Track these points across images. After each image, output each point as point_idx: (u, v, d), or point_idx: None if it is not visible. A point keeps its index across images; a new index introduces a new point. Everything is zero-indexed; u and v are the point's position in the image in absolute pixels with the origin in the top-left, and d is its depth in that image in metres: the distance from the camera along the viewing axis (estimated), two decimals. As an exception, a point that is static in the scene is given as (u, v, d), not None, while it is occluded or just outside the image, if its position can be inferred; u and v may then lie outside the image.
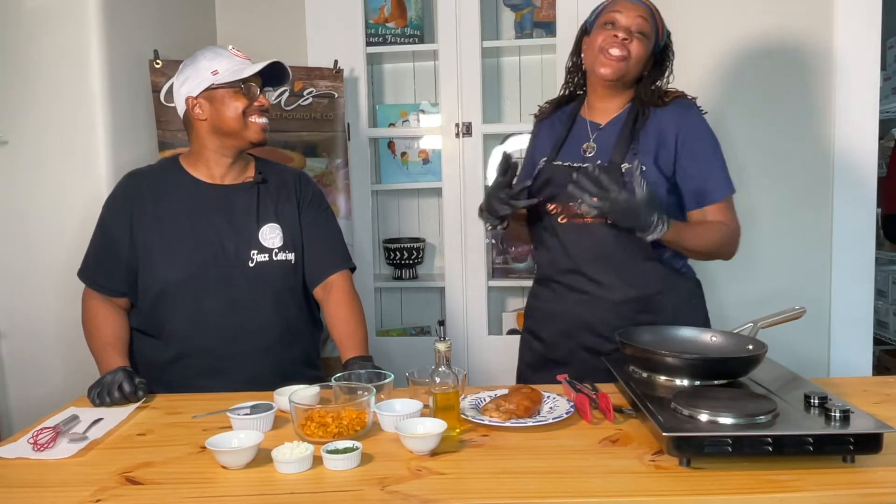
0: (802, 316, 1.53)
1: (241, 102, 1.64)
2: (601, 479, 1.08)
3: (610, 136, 1.67)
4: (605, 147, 1.67)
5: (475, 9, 2.56)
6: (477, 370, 2.55)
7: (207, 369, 1.66)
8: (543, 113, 1.82)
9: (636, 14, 1.61)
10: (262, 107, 1.67)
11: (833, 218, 2.45)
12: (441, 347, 1.30)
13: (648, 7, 1.64)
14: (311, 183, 1.84)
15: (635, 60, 1.62)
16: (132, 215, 1.67)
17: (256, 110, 1.66)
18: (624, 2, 1.63)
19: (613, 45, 1.60)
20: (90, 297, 1.70)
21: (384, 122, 2.84)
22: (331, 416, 1.24)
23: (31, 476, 1.16)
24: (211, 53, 1.67)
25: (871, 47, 2.39)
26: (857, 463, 1.09)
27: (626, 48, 1.60)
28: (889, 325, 3.58)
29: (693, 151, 1.63)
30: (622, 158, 1.62)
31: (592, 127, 1.71)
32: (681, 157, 1.63)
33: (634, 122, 1.65)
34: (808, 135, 2.46)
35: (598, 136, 1.69)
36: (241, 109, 1.64)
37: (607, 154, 1.65)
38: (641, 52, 1.62)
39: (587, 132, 1.71)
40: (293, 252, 1.72)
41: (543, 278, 1.78)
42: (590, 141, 1.69)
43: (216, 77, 1.63)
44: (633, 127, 1.64)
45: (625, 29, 1.60)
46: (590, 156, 1.68)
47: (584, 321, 1.68)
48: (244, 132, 1.65)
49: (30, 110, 1.95)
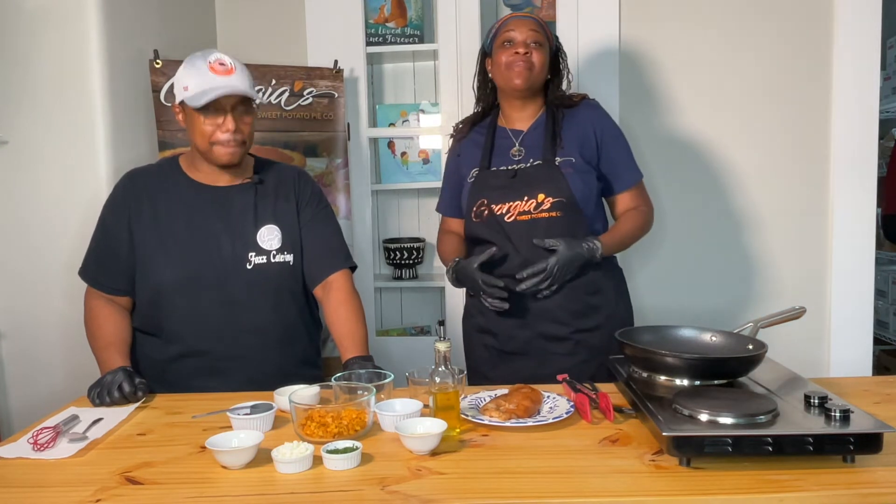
0: (802, 316, 1.53)
1: (208, 127, 1.61)
2: (601, 479, 1.08)
3: (533, 139, 1.84)
4: (530, 149, 1.83)
5: (475, 9, 2.56)
6: (477, 370, 2.55)
7: (207, 369, 1.65)
8: (462, 132, 1.96)
9: (528, 28, 1.79)
10: (225, 133, 1.61)
11: (833, 218, 2.45)
12: (441, 347, 1.30)
13: (536, 20, 1.82)
14: (311, 181, 1.83)
15: (539, 68, 1.79)
16: (130, 215, 1.67)
17: (219, 140, 1.61)
18: (515, 21, 1.81)
19: (517, 60, 1.77)
20: (92, 296, 1.70)
21: (384, 122, 2.84)
22: (331, 416, 1.24)
23: (31, 476, 1.16)
24: (189, 64, 1.62)
25: (871, 47, 2.39)
26: (857, 463, 1.09)
27: (528, 60, 1.77)
28: (889, 325, 3.58)
29: (610, 143, 1.84)
30: (553, 155, 1.79)
31: (515, 134, 1.87)
32: (602, 148, 1.83)
33: (554, 123, 1.82)
34: (807, 135, 2.46)
35: (522, 140, 1.85)
36: (207, 134, 1.61)
37: (532, 155, 1.81)
38: (542, 59, 1.80)
39: (511, 139, 1.87)
40: (292, 253, 1.72)
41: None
42: (516, 146, 1.85)
43: (186, 94, 1.60)
44: (554, 128, 1.82)
45: (522, 44, 1.77)
46: (518, 158, 1.83)
47: (541, 308, 1.78)
48: (210, 156, 1.64)
49: (30, 110, 1.95)
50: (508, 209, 1.78)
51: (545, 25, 1.84)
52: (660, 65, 2.49)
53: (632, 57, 2.49)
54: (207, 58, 1.62)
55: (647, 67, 2.49)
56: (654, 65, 2.49)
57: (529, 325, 1.79)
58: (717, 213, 2.50)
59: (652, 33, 2.48)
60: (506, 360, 1.83)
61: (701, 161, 2.50)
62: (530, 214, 1.76)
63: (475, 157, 1.88)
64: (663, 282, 2.53)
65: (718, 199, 2.50)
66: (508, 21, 1.82)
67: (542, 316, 1.78)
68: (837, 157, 2.43)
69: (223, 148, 1.62)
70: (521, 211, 1.77)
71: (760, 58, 2.45)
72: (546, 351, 1.78)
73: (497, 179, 1.81)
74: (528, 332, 1.79)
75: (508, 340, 1.82)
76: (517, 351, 1.81)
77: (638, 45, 2.49)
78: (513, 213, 1.78)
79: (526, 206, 1.76)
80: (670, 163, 2.49)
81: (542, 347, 1.79)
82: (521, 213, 1.77)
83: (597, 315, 1.79)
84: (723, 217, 2.51)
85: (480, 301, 1.81)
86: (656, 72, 2.49)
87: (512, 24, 1.80)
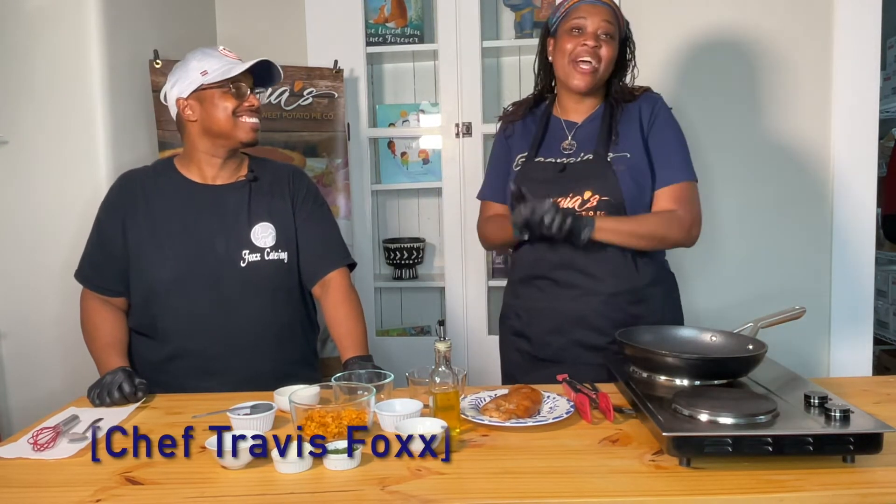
0: (802, 316, 1.53)
1: (231, 102, 1.63)
2: (601, 479, 1.08)
3: (587, 133, 1.73)
4: (582, 143, 1.72)
5: (475, 9, 2.56)
6: (477, 370, 2.55)
7: (201, 370, 1.65)
8: (515, 115, 1.85)
9: (602, 18, 1.65)
10: (252, 107, 1.65)
11: (833, 218, 2.45)
12: (441, 347, 1.30)
13: (610, 6, 1.68)
14: (306, 179, 1.83)
15: (605, 65, 1.68)
16: (125, 215, 1.67)
17: (246, 110, 1.65)
18: (587, 6, 1.66)
19: (584, 53, 1.65)
20: (88, 297, 1.70)
21: (384, 122, 2.84)
22: (331, 416, 1.24)
23: (31, 476, 1.16)
24: (200, 54, 1.66)
25: (871, 47, 2.39)
26: (857, 463, 1.09)
27: (596, 55, 1.65)
28: (889, 325, 3.58)
29: (659, 136, 1.71)
30: (606, 150, 1.68)
31: (569, 125, 1.76)
32: (649, 139, 1.70)
33: (611, 117, 1.71)
34: (807, 135, 2.46)
35: (575, 133, 1.75)
36: (230, 109, 1.63)
37: (584, 149, 1.71)
38: (610, 54, 1.68)
39: (563, 130, 1.76)
40: (286, 251, 1.71)
41: (527, 277, 1.76)
42: (568, 139, 1.74)
43: (205, 77, 1.62)
44: (612, 122, 1.71)
45: (593, 35, 1.65)
46: (569, 152, 1.73)
47: (578, 315, 1.68)
48: (234, 132, 1.64)
49: (30, 110, 1.95)
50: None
51: (618, 11, 1.70)
52: (658, 64, 2.49)
53: (632, 57, 2.49)
54: (213, 48, 1.67)
55: (645, 66, 2.48)
56: (652, 63, 2.48)
57: (565, 332, 1.69)
58: (716, 213, 2.50)
59: (651, 32, 2.48)
60: (538, 366, 1.72)
61: (700, 161, 2.48)
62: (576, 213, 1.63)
63: (524, 144, 1.79)
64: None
65: (718, 199, 2.50)
66: (582, 5, 1.66)
67: (579, 323, 1.68)
68: (837, 157, 2.43)
69: (249, 121, 1.64)
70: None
71: (760, 58, 2.45)
72: (580, 360, 1.66)
73: (544, 172, 1.70)
74: (564, 339, 1.69)
75: (542, 347, 1.72)
76: (551, 358, 1.70)
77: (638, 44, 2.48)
78: None
79: (570, 203, 1.65)
80: (670, 163, 2.48)
81: (576, 356, 1.68)
82: None
83: (640, 325, 1.62)
84: (722, 217, 2.50)
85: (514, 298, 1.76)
86: (654, 70, 2.48)
87: (584, 9, 1.65)
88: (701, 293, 2.52)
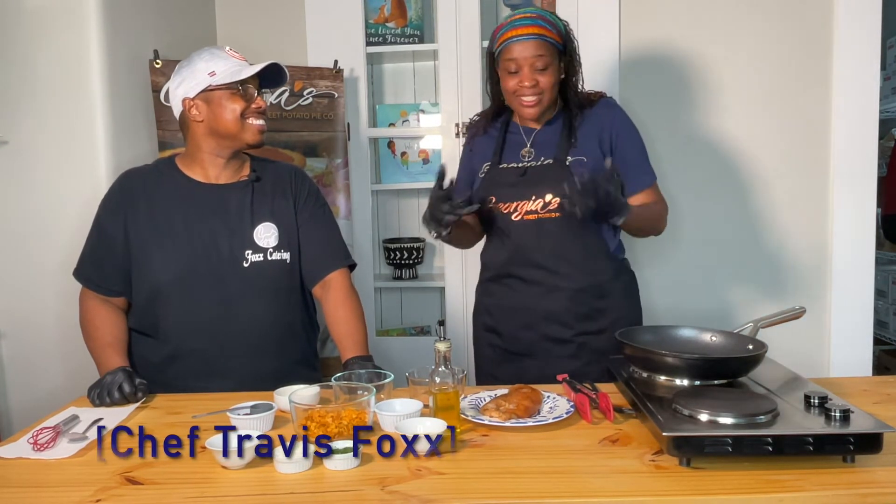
0: (802, 316, 1.53)
1: (239, 104, 1.63)
2: (601, 479, 1.08)
3: (546, 137, 1.81)
4: (541, 148, 1.80)
5: (475, 9, 2.56)
6: (477, 370, 2.55)
7: (202, 370, 1.65)
8: (477, 129, 1.93)
9: (532, 53, 1.69)
10: (259, 108, 1.66)
11: (833, 218, 2.45)
12: (441, 347, 1.30)
13: (539, 36, 1.69)
14: (308, 179, 1.83)
15: (549, 92, 1.74)
16: (126, 214, 1.67)
17: (254, 112, 1.65)
18: (517, 45, 1.69)
19: (524, 91, 1.72)
20: (87, 297, 1.70)
21: (384, 122, 2.84)
22: (331, 416, 1.24)
23: (31, 476, 1.16)
24: (208, 55, 1.66)
25: (871, 47, 2.39)
26: (857, 463, 1.09)
27: (536, 87, 1.71)
28: (889, 325, 3.58)
29: (625, 144, 1.79)
30: (565, 155, 1.76)
31: (527, 132, 1.84)
32: (617, 147, 1.78)
33: (570, 122, 1.79)
34: (807, 134, 2.46)
35: (533, 139, 1.83)
36: (238, 111, 1.63)
37: (544, 154, 1.79)
38: (551, 81, 1.73)
39: (523, 137, 1.84)
40: (288, 251, 1.71)
41: (497, 276, 1.85)
42: (527, 146, 1.82)
43: (213, 78, 1.62)
44: (571, 127, 1.79)
45: (528, 73, 1.71)
46: (529, 158, 1.81)
47: (546, 311, 1.78)
48: (241, 134, 1.65)
49: (29, 110, 1.95)
50: (516, 208, 1.77)
51: (552, 31, 1.71)
52: (659, 65, 2.49)
53: (632, 57, 2.49)
54: (219, 48, 1.68)
55: (646, 68, 2.49)
56: (653, 65, 2.48)
57: (534, 327, 1.79)
58: (716, 213, 2.50)
59: (652, 33, 2.48)
60: (511, 360, 1.83)
61: (699, 162, 2.50)
62: (537, 214, 1.75)
63: (488, 151, 1.87)
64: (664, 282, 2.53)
65: (717, 200, 2.50)
66: (511, 44, 1.70)
67: (548, 318, 1.78)
68: (837, 157, 2.43)
69: (256, 123, 1.65)
70: (528, 210, 1.76)
71: (760, 58, 2.45)
72: (550, 353, 1.78)
73: (507, 177, 1.80)
74: (533, 334, 1.79)
75: (513, 341, 1.82)
76: (522, 352, 1.81)
77: (638, 45, 2.49)
78: (520, 212, 1.77)
79: (533, 206, 1.75)
80: (669, 164, 2.48)
81: (546, 349, 1.78)
82: (527, 212, 1.77)
83: (603, 318, 1.78)
84: (722, 217, 2.50)
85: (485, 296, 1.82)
86: (656, 72, 2.49)
87: (514, 48, 1.69)
88: (701, 293, 2.53)
